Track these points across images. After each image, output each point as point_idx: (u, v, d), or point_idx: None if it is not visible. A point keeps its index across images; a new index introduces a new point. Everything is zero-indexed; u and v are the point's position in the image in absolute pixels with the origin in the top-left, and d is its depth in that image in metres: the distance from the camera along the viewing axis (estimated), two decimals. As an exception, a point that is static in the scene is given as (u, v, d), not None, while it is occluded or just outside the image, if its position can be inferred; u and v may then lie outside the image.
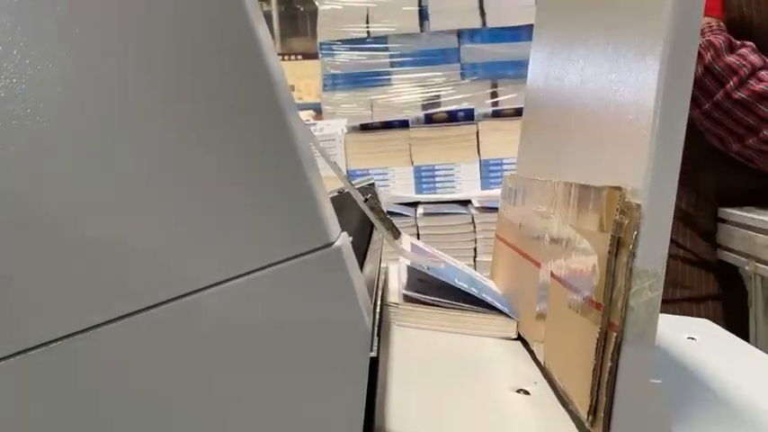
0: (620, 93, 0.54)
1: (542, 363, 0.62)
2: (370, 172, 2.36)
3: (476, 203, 2.29)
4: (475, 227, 2.20)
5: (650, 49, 0.49)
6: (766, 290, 1.44)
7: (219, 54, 0.44)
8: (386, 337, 0.68)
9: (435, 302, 0.72)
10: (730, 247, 1.51)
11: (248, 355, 0.46)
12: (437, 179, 2.43)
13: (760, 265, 1.38)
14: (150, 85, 0.44)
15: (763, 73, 1.30)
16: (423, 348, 0.67)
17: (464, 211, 2.27)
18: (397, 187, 2.41)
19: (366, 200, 0.81)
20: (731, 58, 1.30)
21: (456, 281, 0.74)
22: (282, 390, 0.46)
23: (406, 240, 0.90)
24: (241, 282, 0.45)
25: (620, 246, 0.48)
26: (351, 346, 0.47)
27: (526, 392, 0.58)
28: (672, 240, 1.21)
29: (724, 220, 1.52)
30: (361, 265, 0.68)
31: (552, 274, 0.60)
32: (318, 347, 0.46)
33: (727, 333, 0.79)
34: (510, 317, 0.72)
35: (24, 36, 0.43)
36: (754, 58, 1.31)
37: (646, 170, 0.47)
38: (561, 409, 0.55)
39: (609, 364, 0.48)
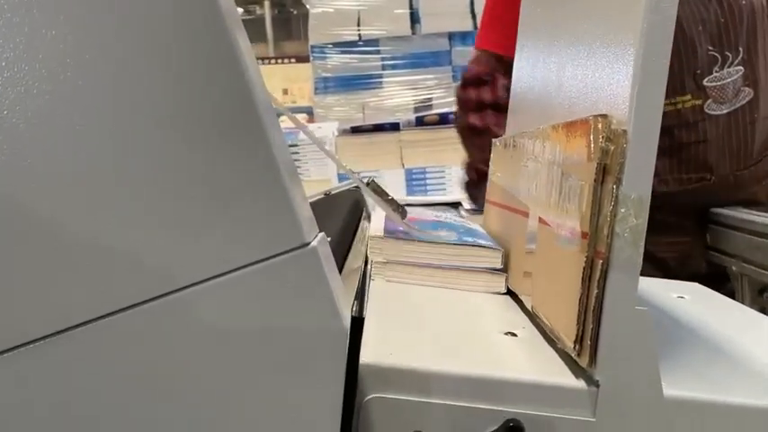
0: (604, 44, 0.55)
1: (530, 309, 0.61)
2: (361, 174, 2.36)
3: (466, 206, 2.29)
4: (466, 228, 2.20)
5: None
6: (753, 290, 1.44)
7: (198, 62, 0.45)
8: (372, 290, 0.67)
9: (416, 238, 0.73)
10: (718, 247, 1.50)
11: (224, 355, 0.46)
12: (428, 181, 2.44)
13: (746, 265, 1.38)
14: (133, 92, 0.44)
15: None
16: (410, 298, 0.67)
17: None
18: (388, 189, 2.40)
19: (368, 183, 0.81)
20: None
21: (434, 231, 0.74)
22: (258, 389, 0.47)
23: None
24: (216, 283, 0.46)
25: (606, 173, 0.49)
26: (327, 347, 0.47)
27: (514, 335, 0.58)
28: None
29: (711, 221, 1.52)
30: (343, 267, 0.68)
31: (540, 219, 0.61)
32: (295, 348, 0.47)
33: (716, 293, 0.79)
34: (495, 248, 0.72)
35: (4, 43, 0.43)
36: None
37: (631, 96, 0.48)
38: (549, 348, 0.55)
39: (595, 291, 0.48)
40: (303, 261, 0.46)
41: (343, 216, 1.08)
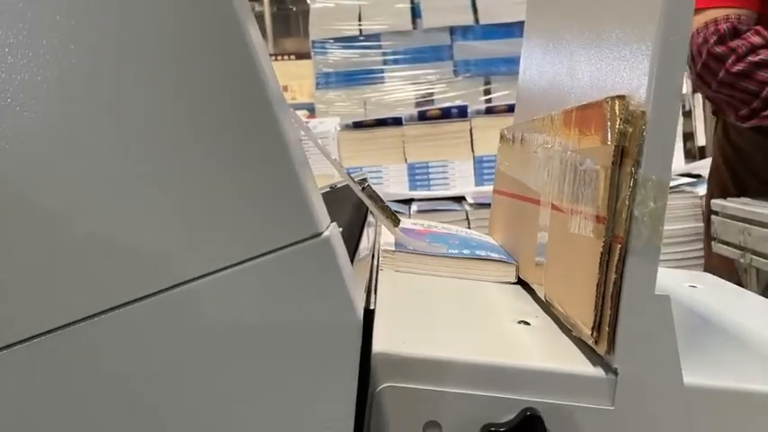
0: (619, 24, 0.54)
1: (544, 298, 0.60)
2: (363, 169, 2.35)
3: (470, 200, 2.28)
4: (469, 223, 2.19)
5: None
6: (761, 283, 1.43)
7: (209, 50, 0.43)
8: (382, 280, 0.66)
9: (426, 252, 0.72)
10: (725, 239, 1.49)
11: (235, 348, 0.45)
12: (431, 176, 2.43)
13: (756, 257, 1.37)
14: (138, 80, 0.43)
15: (762, 51, 1.35)
16: (421, 288, 0.66)
17: (458, 208, 2.26)
18: (390, 184, 2.40)
19: (364, 188, 0.80)
20: (733, 42, 1.37)
21: (448, 250, 0.73)
22: (271, 382, 0.46)
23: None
24: (227, 273, 0.44)
25: (624, 156, 0.48)
26: (341, 338, 0.46)
27: (527, 323, 0.57)
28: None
29: (717, 213, 1.51)
30: (353, 260, 0.67)
31: (553, 206, 0.59)
32: (308, 339, 0.46)
33: (728, 283, 0.78)
34: (509, 262, 0.71)
35: (6, 29, 0.42)
36: (756, 39, 1.36)
37: (650, 76, 0.46)
38: (564, 336, 0.54)
39: (613, 276, 0.47)
40: (316, 251, 0.45)
41: (350, 209, 1.07)
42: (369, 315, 0.53)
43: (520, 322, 0.57)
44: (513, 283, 0.70)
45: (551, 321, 0.58)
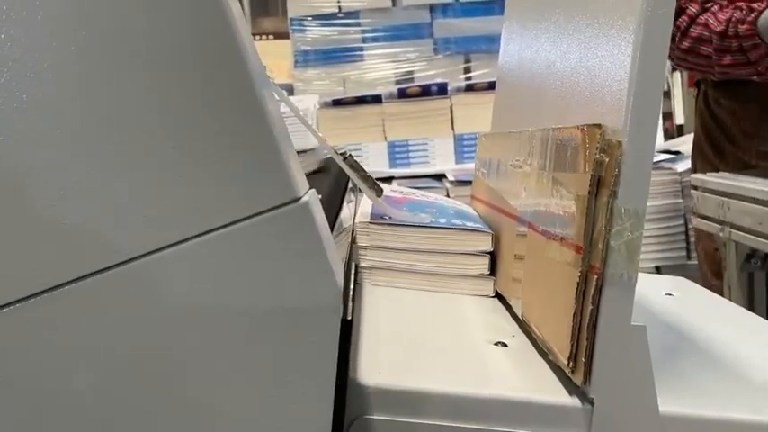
0: (597, 43, 0.53)
1: (520, 316, 0.60)
2: (341, 148, 2.33)
3: (450, 177, 2.28)
4: (449, 202, 2.18)
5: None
6: (740, 256, 1.44)
7: (186, 15, 0.42)
8: (359, 296, 0.66)
9: (401, 223, 0.71)
10: (704, 213, 1.50)
11: (212, 315, 0.44)
12: (411, 154, 2.41)
13: (734, 231, 1.37)
14: (114, 52, 0.42)
15: (699, 19, 1.41)
16: (396, 305, 0.66)
17: (439, 185, 2.26)
18: (370, 162, 2.38)
19: (346, 158, 0.78)
20: (677, 19, 1.42)
21: (421, 214, 0.73)
22: (249, 349, 0.44)
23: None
24: (204, 240, 0.43)
25: (600, 185, 0.47)
26: (321, 303, 0.45)
27: (504, 345, 0.57)
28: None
29: (697, 187, 1.52)
30: (334, 226, 0.66)
31: (530, 225, 0.59)
32: (288, 304, 0.44)
33: (703, 289, 0.78)
34: (485, 232, 0.71)
35: None
36: (692, 9, 1.42)
37: (627, 106, 0.46)
38: (540, 359, 0.54)
39: (590, 307, 0.47)
40: (295, 217, 0.44)
41: (329, 182, 1.06)
42: (346, 326, 0.52)
43: (497, 343, 0.57)
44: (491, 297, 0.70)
45: (528, 341, 0.58)
